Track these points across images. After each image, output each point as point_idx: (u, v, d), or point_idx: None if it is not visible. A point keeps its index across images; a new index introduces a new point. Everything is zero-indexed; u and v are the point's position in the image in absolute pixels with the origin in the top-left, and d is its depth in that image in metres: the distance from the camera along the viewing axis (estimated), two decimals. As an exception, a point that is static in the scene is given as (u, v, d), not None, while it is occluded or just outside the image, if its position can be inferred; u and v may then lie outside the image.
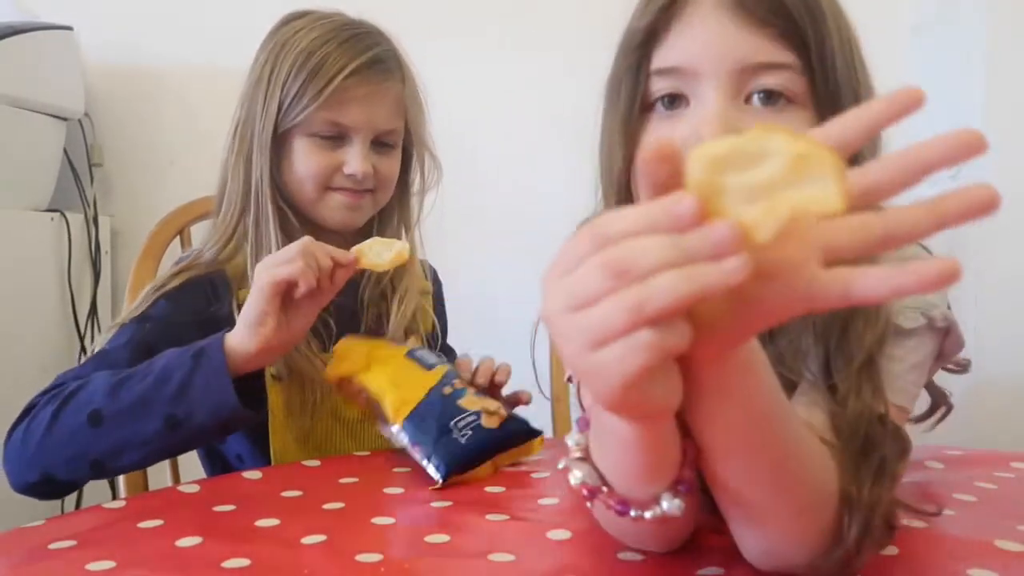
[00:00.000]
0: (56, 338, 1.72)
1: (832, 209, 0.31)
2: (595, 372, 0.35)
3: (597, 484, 0.48)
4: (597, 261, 0.34)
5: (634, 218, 0.34)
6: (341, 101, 0.92)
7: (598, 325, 0.34)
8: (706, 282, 0.32)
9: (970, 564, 0.54)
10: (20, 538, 0.63)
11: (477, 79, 1.76)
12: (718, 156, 0.33)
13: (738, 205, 0.32)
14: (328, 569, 0.57)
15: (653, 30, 0.59)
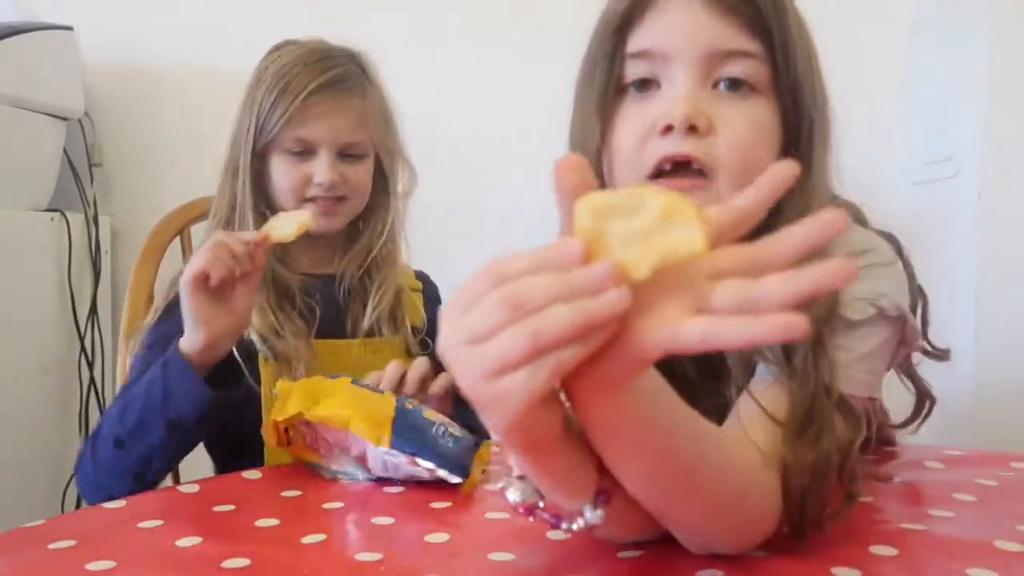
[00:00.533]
0: (56, 338, 1.72)
1: (695, 251, 0.37)
2: (495, 399, 0.39)
3: (534, 501, 0.50)
4: (495, 297, 0.37)
5: (528, 259, 0.38)
6: (305, 118, 1.01)
7: (498, 354, 0.37)
8: (592, 312, 0.36)
9: (970, 564, 0.54)
10: (20, 538, 0.63)
11: (478, 83, 1.76)
12: (601, 206, 0.38)
13: (618, 248, 0.38)
14: (328, 569, 0.57)
15: (629, 16, 0.63)
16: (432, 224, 1.52)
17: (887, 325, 0.65)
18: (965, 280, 1.44)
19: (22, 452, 1.62)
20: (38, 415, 1.68)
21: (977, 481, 0.74)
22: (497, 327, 0.37)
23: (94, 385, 1.76)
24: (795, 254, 0.38)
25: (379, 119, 1.08)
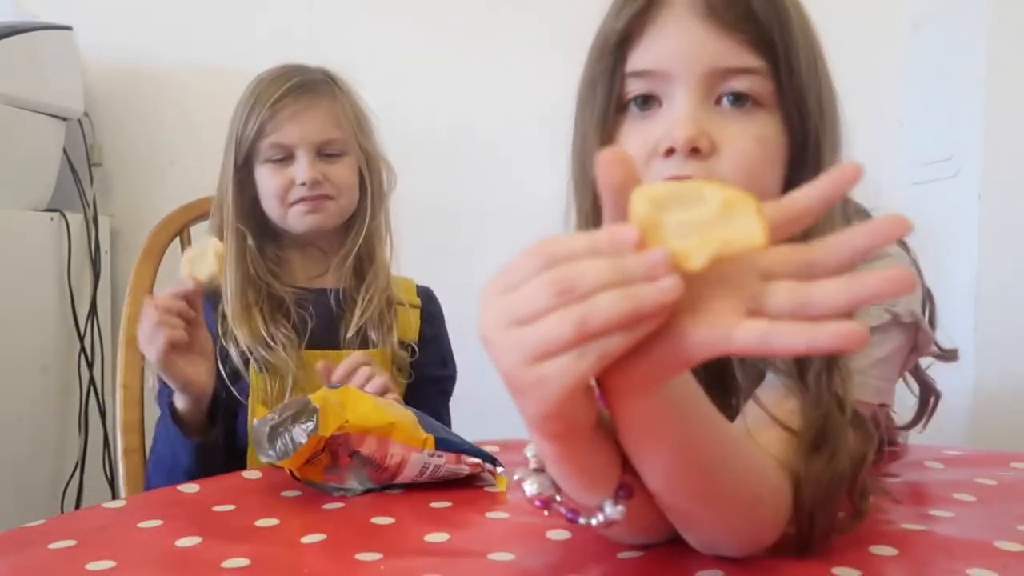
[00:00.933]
0: (56, 338, 1.72)
1: (755, 243, 0.36)
2: (534, 384, 0.38)
3: (552, 494, 0.50)
4: (544, 279, 0.36)
5: (580, 242, 0.37)
6: (277, 124, 1.05)
7: (542, 339, 0.36)
8: (643, 300, 0.35)
9: (970, 564, 0.54)
10: (20, 538, 0.63)
11: (475, 83, 1.76)
12: (658, 196, 0.37)
13: (674, 238, 0.37)
14: (328, 569, 0.57)
15: (628, 33, 0.61)
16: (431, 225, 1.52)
17: (901, 331, 0.65)
18: (965, 280, 1.44)
19: (22, 452, 1.62)
20: (38, 415, 1.68)
21: (977, 481, 0.74)
22: (544, 310, 0.36)
23: (94, 385, 1.76)
24: (852, 257, 0.37)
25: (351, 119, 1.10)
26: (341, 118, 1.08)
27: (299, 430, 0.70)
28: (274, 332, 1.03)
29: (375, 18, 1.79)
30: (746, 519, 0.52)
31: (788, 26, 0.60)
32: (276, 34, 1.79)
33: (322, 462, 0.73)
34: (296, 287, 1.09)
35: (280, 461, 0.71)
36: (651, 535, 0.56)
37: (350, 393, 0.76)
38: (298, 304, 1.07)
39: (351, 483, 0.74)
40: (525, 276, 0.37)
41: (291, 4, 1.83)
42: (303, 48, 1.19)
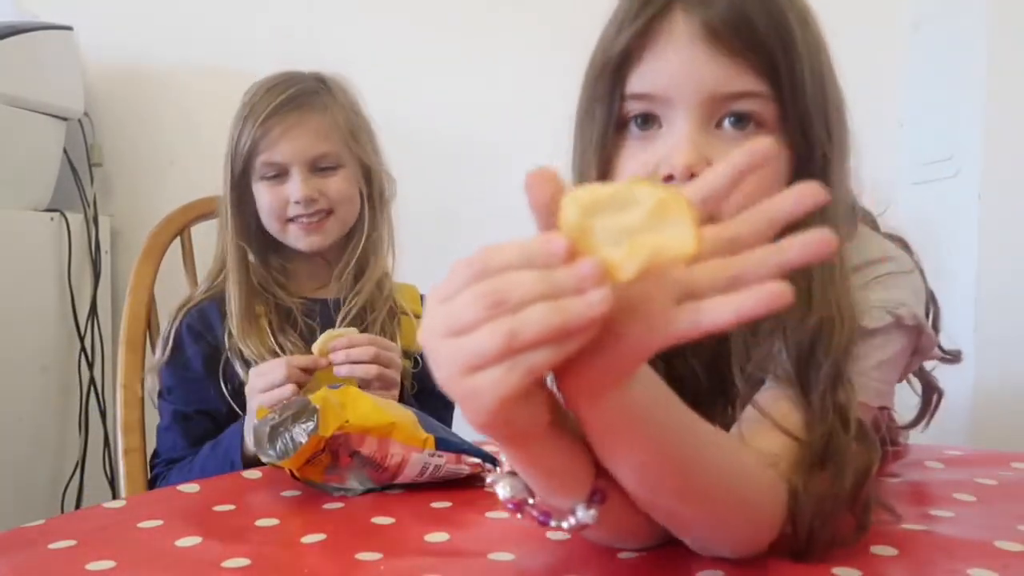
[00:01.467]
0: (56, 338, 1.72)
1: (686, 252, 0.35)
2: (469, 395, 0.38)
3: (524, 497, 0.50)
4: (476, 291, 0.37)
5: (513, 253, 0.37)
6: (269, 142, 1.04)
7: (474, 351, 0.37)
8: (571, 314, 0.35)
9: (970, 564, 0.54)
10: (20, 538, 0.63)
11: (474, 86, 1.76)
12: (589, 201, 0.37)
13: (605, 246, 0.36)
14: (328, 569, 0.57)
15: (627, 54, 0.60)
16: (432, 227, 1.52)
17: (903, 334, 0.65)
18: (965, 280, 1.44)
19: (22, 452, 1.62)
20: (38, 415, 1.68)
21: (977, 481, 0.75)
22: (475, 322, 0.37)
23: (94, 385, 1.76)
24: (770, 226, 0.38)
25: (344, 130, 1.09)
26: (333, 130, 1.08)
27: (299, 430, 0.70)
28: (283, 342, 1.03)
29: (375, 18, 1.79)
30: (736, 519, 0.52)
31: (792, 49, 0.58)
32: (276, 34, 1.79)
33: (322, 462, 0.73)
34: (303, 297, 1.09)
35: (280, 461, 0.71)
36: (635, 540, 0.56)
37: (350, 393, 0.76)
38: (305, 314, 1.07)
39: (351, 483, 0.74)
40: (460, 286, 0.37)
41: (291, 4, 1.83)
42: (303, 48, 1.19)
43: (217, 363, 1.03)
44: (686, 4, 0.58)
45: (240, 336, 1.02)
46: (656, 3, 0.59)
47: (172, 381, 1.06)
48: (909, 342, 0.66)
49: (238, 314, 1.03)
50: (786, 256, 0.36)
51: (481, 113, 1.75)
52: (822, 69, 0.61)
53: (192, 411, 1.04)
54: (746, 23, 0.57)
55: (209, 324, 1.06)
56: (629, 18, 0.60)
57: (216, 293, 1.08)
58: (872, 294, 0.64)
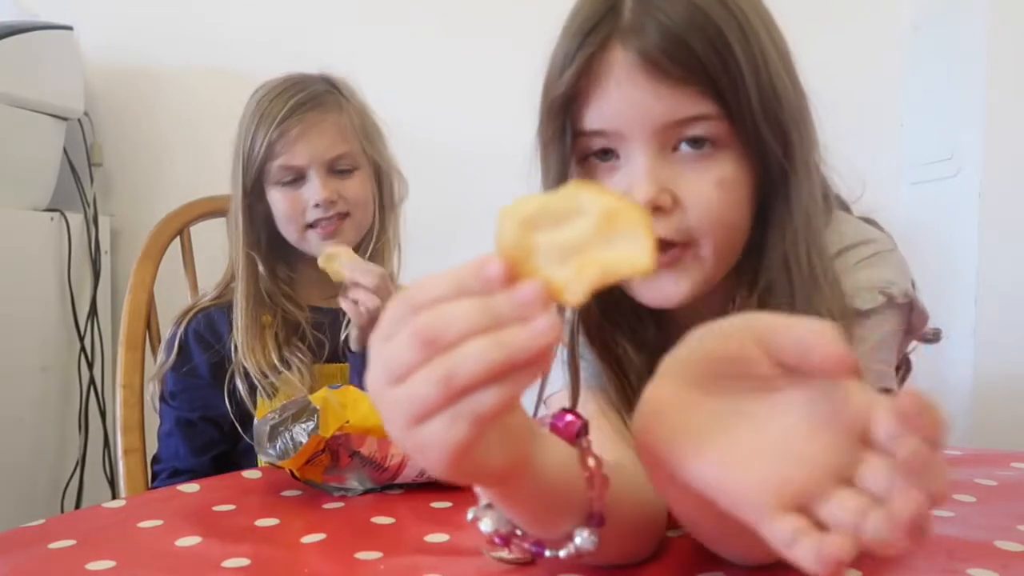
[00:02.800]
0: (56, 338, 1.72)
1: (640, 269, 0.31)
2: (419, 448, 0.34)
3: (510, 530, 0.47)
4: (408, 331, 0.33)
5: (443, 283, 0.33)
6: (285, 145, 1.03)
7: (414, 400, 0.33)
8: (515, 345, 0.31)
9: (970, 564, 0.54)
10: (20, 538, 0.63)
11: (481, 86, 1.76)
12: (529, 215, 0.33)
13: (549, 265, 0.32)
14: (328, 569, 0.57)
15: (572, 95, 0.60)
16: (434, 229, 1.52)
17: (896, 312, 0.65)
18: (965, 280, 1.44)
19: (22, 452, 1.62)
20: (38, 415, 1.68)
21: (977, 481, 0.74)
22: (410, 366, 0.33)
23: (94, 385, 1.76)
24: None
25: (360, 131, 1.09)
26: (349, 130, 1.07)
27: (299, 429, 0.70)
28: (288, 356, 1.02)
29: (375, 19, 1.79)
30: None
31: (734, 67, 0.57)
32: (277, 34, 1.79)
33: (322, 462, 0.73)
34: (311, 306, 1.08)
35: (280, 461, 0.71)
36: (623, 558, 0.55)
37: (350, 393, 0.76)
38: (315, 327, 1.06)
39: (351, 483, 0.74)
40: (395, 326, 0.34)
41: (292, 4, 1.83)
42: (303, 49, 1.19)
43: (224, 372, 1.02)
44: (622, 36, 0.57)
45: (244, 351, 1.01)
46: (592, 41, 0.58)
47: (177, 386, 1.05)
48: (902, 320, 0.66)
49: (243, 328, 1.02)
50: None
51: (483, 115, 1.75)
52: (771, 78, 0.59)
53: (197, 417, 1.03)
54: (682, 48, 0.56)
55: (218, 333, 1.05)
56: (569, 57, 0.59)
57: (225, 301, 1.07)
58: (860, 275, 0.64)
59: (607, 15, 0.58)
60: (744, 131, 0.58)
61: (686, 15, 0.56)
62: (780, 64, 0.61)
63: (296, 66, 1.11)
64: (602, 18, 0.58)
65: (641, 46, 0.56)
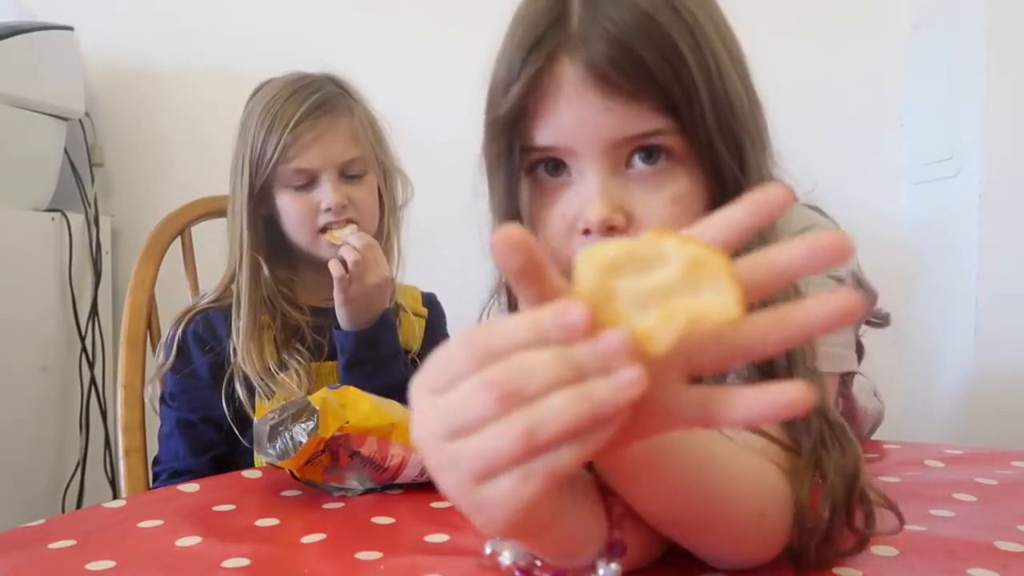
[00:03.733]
0: (56, 338, 1.72)
1: (730, 317, 0.30)
2: (480, 507, 0.32)
3: (530, 562, 0.46)
4: (482, 381, 0.31)
5: (520, 329, 0.31)
6: (298, 149, 1.02)
7: (484, 456, 0.31)
8: (601, 399, 0.30)
9: (970, 564, 0.54)
10: (20, 538, 0.63)
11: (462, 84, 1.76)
12: (609, 259, 0.31)
13: (632, 313, 0.31)
14: (328, 569, 0.57)
15: (519, 111, 0.58)
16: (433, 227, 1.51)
17: None
18: (966, 280, 1.44)
19: (22, 452, 1.62)
20: (39, 415, 1.68)
21: (977, 481, 0.74)
22: (483, 419, 0.31)
23: (94, 385, 1.76)
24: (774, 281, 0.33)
25: (370, 133, 1.09)
26: (360, 134, 1.07)
27: (299, 429, 0.70)
28: (287, 359, 1.02)
29: (375, 19, 1.79)
30: (754, 535, 0.50)
31: (686, 78, 0.55)
32: (277, 35, 1.80)
33: (322, 462, 0.73)
34: (312, 307, 1.08)
35: (280, 461, 0.71)
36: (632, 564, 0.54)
37: (350, 394, 0.76)
38: (315, 329, 1.05)
39: (351, 483, 0.75)
40: (459, 373, 0.31)
41: (292, 5, 1.83)
42: (303, 49, 1.19)
43: (223, 372, 1.02)
44: (569, 49, 0.55)
45: (244, 353, 1.01)
46: (539, 55, 0.56)
47: (176, 388, 1.05)
48: None
49: (243, 330, 1.02)
50: (808, 319, 0.31)
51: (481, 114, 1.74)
52: (725, 88, 0.57)
53: (197, 418, 1.03)
54: (633, 61, 0.54)
55: (217, 334, 1.05)
56: (514, 73, 0.57)
57: (224, 303, 1.07)
58: None
59: (553, 26, 0.55)
60: (698, 144, 0.56)
61: (635, 24, 0.54)
62: (733, 71, 0.59)
63: (296, 66, 1.11)
64: (548, 29, 0.56)
65: (590, 59, 0.54)
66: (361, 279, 1.00)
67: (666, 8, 0.55)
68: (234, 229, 1.07)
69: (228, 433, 1.01)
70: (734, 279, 0.30)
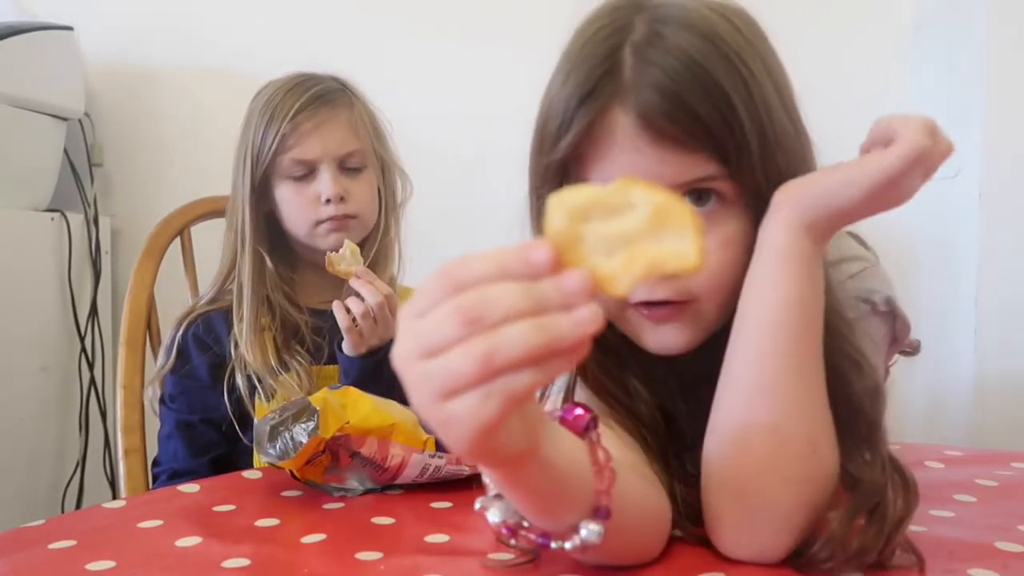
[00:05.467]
0: (56, 338, 1.72)
1: (689, 265, 0.32)
2: (445, 423, 0.35)
3: (518, 520, 0.48)
4: (449, 307, 0.33)
5: (489, 263, 0.33)
6: (298, 139, 1.02)
7: (448, 374, 0.33)
8: (558, 332, 0.32)
9: (970, 564, 0.54)
10: (20, 538, 0.63)
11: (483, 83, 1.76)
12: (580, 205, 0.33)
13: (596, 255, 0.33)
14: (328, 569, 0.57)
15: (568, 161, 0.59)
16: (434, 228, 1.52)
17: (881, 321, 0.66)
18: (966, 280, 1.44)
19: (22, 452, 1.62)
20: (38, 415, 1.68)
21: (977, 481, 0.75)
22: (448, 342, 0.33)
23: (94, 385, 1.76)
24: None
25: (369, 128, 1.09)
26: (360, 127, 1.07)
27: (299, 429, 0.70)
28: (287, 359, 1.02)
29: (375, 20, 1.79)
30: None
31: (740, 128, 0.56)
32: (277, 34, 1.79)
33: (322, 463, 0.73)
34: (313, 308, 1.07)
35: (280, 461, 0.71)
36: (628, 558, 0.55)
37: (350, 394, 0.76)
38: (315, 331, 1.05)
39: (351, 483, 0.75)
40: (432, 302, 0.34)
41: (292, 6, 1.83)
42: (304, 50, 1.19)
43: (223, 372, 1.02)
44: (622, 98, 0.56)
45: (244, 353, 1.00)
46: (592, 105, 0.56)
47: (176, 389, 1.04)
48: (888, 330, 0.67)
49: (243, 329, 1.02)
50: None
51: (481, 114, 1.74)
52: (776, 133, 0.58)
53: (197, 419, 1.03)
54: (685, 111, 0.55)
55: (216, 336, 1.05)
56: (567, 122, 0.57)
57: (222, 304, 1.07)
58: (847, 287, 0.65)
59: (606, 75, 0.56)
60: (748, 188, 0.57)
61: (686, 74, 0.55)
62: (784, 112, 0.60)
63: (296, 67, 1.11)
64: (601, 78, 0.56)
65: (642, 108, 0.55)
66: (364, 335, 0.98)
67: (717, 57, 0.55)
68: (236, 224, 1.06)
69: (228, 434, 1.01)
70: (698, 229, 0.32)
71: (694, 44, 0.55)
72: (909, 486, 0.56)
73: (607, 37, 0.57)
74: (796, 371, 0.53)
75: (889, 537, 0.53)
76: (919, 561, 0.54)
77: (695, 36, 0.56)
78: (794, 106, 0.62)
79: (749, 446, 0.53)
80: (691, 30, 0.56)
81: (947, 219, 1.51)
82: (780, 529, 0.53)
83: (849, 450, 0.56)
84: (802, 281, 0.54)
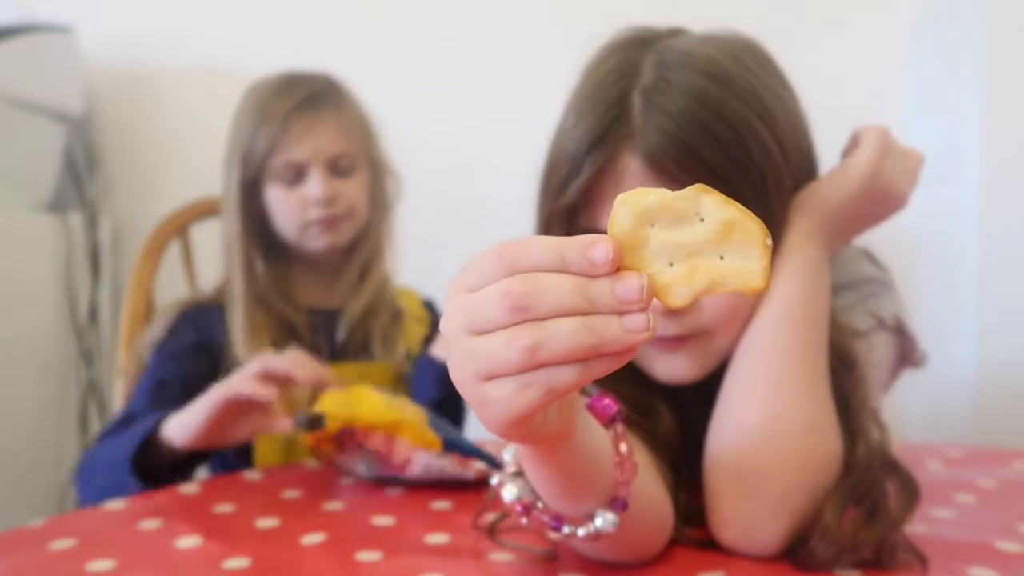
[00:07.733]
0: (56, 338, 1.72)
1: (753, 287, 0.31)
2: (481, 403, 0.34)
3: (532, 500, 0.48)
4: (501, 289, 0.32)
5: (548, 251, 0.32)
6: (288, 141, 1.02)
7: (490, 357, 0.33)
8: (606, 336, 0.31)
9: (970, 564, 0.54)
10: (20, 538, 0.63)
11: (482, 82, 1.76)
12: (647, 207, 0.32)
13: (657, 262, 0.32)
14: (328, 569, 0.57)
15: (576, 205, 0.59)
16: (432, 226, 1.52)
17: (889, 336, 0.67)
18: (966, 280, 1.44)
19: (22, 452, 1.62)
20: (38, 415, 1.68)
21: (977, 481, 0.75)
22: (496, 323, 0.32)
23: (94, 385, 1.76)
24: None
25: (359, 129, 1.08)
26: (350, 129, 1.07)
27: None
28: None
29: (376, 18, 1.79)
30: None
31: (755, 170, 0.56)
32: (277, 34, 1.79)
33: (331, 449, 0.77)
34: (308, 308, 1.07)
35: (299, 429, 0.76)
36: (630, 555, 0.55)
37: (359, 392, 0.78)
38: (311, 329, 1.04)
39: (360, 468, 0.77)
40: (485, 278, 0.33)
41: (291, 6, 1.83)
42: (303, 50, 1.18)
43: (208, 359, 0.99)
44: (631, 143, 0.57)
45: (240, 352, 0.99)
46: (602, 152, 0.57)
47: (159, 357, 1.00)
48: (896, 346, 0.68)
49: (239, 329, 1.01)
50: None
51: (484, 113, 1.74)
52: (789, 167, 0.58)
53: (173, 377, 0.97)
54: (692, 155, 0.55)
55: (209, 323, 1.04)
56: (577, 164, 0.58)
57: (221, 301, 1.06)
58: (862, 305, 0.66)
59: (615, 122, 0.57)
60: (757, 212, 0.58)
61: (695, 118, 0.55)
62: (796, 144, 0.60)
63: (296, 66, 1.11)
64: (611, 124, 0.57)
65: (651, 153, 0.56)
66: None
67: (726, 98, 0.56)
68: (228, 226, 1.06)
69: None
70: (766, 249, 0.31)
71: (702, 87, 0.56)
72: (909, 485, 0.57)
73: (616, 81, 0.58)
74: (800, 358, 0.55)
75: (887, 532, 0.53)
76: (921, 561, 0.54)
77: (703, 79, 0.56)
78: (806, 132, 0.62)
79: (750, 426, 0.54)
80: (699, 73, 0.56)
81: (947, 219, 1.51)
82: (777, 507, 0.54)
83: None
84: (807, 279, 0.56)
